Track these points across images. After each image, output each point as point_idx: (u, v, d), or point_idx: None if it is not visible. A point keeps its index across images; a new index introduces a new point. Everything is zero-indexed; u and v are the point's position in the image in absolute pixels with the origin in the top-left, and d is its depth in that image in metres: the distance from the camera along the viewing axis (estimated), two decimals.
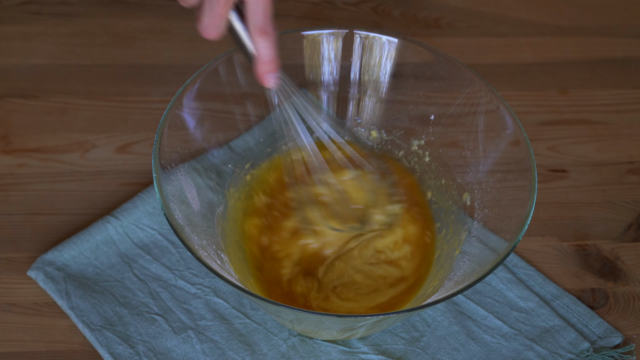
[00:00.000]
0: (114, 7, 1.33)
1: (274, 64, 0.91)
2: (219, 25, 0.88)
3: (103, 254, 1.07)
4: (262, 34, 0.88)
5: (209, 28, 0.88)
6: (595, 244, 1.12)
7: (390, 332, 1.03)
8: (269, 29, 0.88)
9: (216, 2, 0.86)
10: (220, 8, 0.86)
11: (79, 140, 1.18)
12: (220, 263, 0.98)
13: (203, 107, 1.03)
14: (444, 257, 1.03)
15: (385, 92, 1.09)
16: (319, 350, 1.01)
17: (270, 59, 0.90)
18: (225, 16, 0.87)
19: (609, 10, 1.37)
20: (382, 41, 1.07)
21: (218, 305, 1.04)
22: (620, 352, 1.02)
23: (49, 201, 1.12)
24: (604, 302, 1.07)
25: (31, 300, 1.05)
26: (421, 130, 1.09)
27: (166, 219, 0.94)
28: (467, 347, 1.02)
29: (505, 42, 1.32)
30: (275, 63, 0.91)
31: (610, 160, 1.20)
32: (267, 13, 0.88)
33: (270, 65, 0.91)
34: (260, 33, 0.88)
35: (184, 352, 1.00)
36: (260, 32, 0.88)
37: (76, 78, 1.25)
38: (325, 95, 1.10)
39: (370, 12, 1.35)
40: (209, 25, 0.87)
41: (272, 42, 0.89)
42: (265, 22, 0.88)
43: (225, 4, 0.86)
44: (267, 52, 0.90)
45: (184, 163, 1.01)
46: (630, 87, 1.28)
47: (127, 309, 1.03)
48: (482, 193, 1.03)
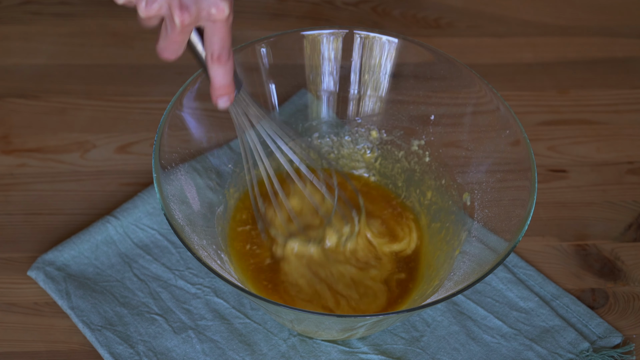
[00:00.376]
0: (114, 7, 1.32)
1: (226, 90, 0.91)
2: (175, 50, 0.88)
3: (103, 254, 1.07)
4: (216, 62, 0.88)
5: (165, 51, 0.88)
6: (595, 244, 1.12)
7: (390, 332, 1.03)
8: (223, 57, 0.88)
9: (172, 29, 0.85)
10: (176, 35, 0.86)
11: (79, 140, 1.18)
12: (220, 263, 0.98)
13: (203, 107, 1.03)
14: (444, 257, 1.03)
15: (385, 92, 1.09)
16: (319, 350, 1.01)
17: (222, 85, 0.91)
18: (181, 42, 0.87)
19: (609, 10, 1.37)
20: (382, 41, 1.07)
21: (218, 305, 1.04)
22: (620, 352, 1.02)
23: (49, 201, 1.12)
24: (603, 302, 1.07)
25: (31, 300, 1.05)
26: (421, 130, 1.09)
27: (166, 219, 0.94)
28: (467, 347, 1.02)
29: (505, 42, 1.32)
30: (227, 89, 0.91)
31: (610, 160, 1.20)
32: (224, 43, 0.87)
33: (222, 91, 0.91)
34: (215, 60, 0.88)
35: (184, 352, 1.00)
36: (215, 60, 0.88)
37: (76, 78, 1.25)
38: (325, 95, 1.10)
39: (370, 12, 1.35)
40: (165, 48, 0.88)
41: (227, 69, 0.89)
42: (221, 50, 0.88)
43: (181, 33, 0.86)
44: (219, 78, 0.90)
45: (184, 163, 1.01)
46: (630, 87, 1.28)
47: (127, 309, 1.03)
48: (482, 193, 1.03)
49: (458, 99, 1.05)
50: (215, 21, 0.86)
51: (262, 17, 1.34)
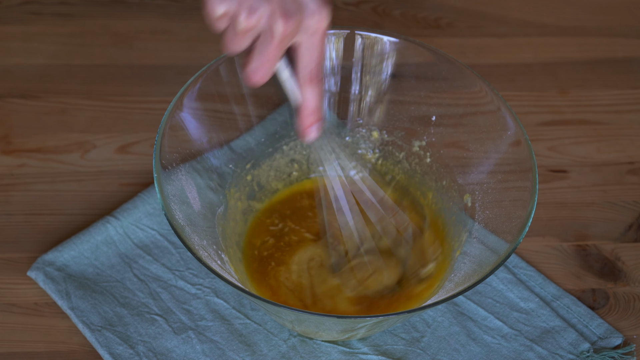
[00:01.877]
0: (114, 7, 1.33)
1: (319, 115, 0.86)
2: (268, 70, 0.82)
3: (103, 254, 1.07)
4: (311, 82, 0.83)
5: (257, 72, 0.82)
6: (596, 245, 1.12)
7: (391, 332, 1.03)
8: (320, 75, 0.83)
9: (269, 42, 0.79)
10: (273, 50, 0.80)
11: (79, 140, 1.18)
12: (220, 263, 0.98)
13: (204, 107, 1.03)
14: (444, 258, 1.03)
15: (386, 93, 1.09)
16: (319, 351, 1.01)
17: (314, 109, 0.85)
18: (275, 60, 0.81)
19: (609, 10, 1.37)
20: (383, 41, 1.07)
21: (218, 305, 1.04)
22: (620, 352, 1.02)
23: (49, 201, 1.12)
24: (604, 303, 1.07)
25: (31, 301, 1.04)
26: (422, 131, 1.09)
27: (167, 219, 0.93)
28: (467, 348, 1.02)
29: (505, 42, 1.32)
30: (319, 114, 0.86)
31: (610, 160, 1.20)
32: (321, 59, 0.82)
33: (315, 116, 0.86)
34: (310, 81, 0.83)
35: (184, 353, 1.00)
36: (310, 80, 0.83)
37: (76, 78, 1.25)
38: (326, 95, 1.10)
39: (371, 12, 1.35)
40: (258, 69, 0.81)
41: (321, 89, 0.84)
42: (318, 69, 0.83)
43: (277, 47, 0.80)
44: (312, 102, 0.84)
45: (184, 163, 1.01)
46: (630, 87, 1.28)
47: (127, 310, 1.03)
48: (483, 194, 1.03)
49: (459, 99, 1.05)
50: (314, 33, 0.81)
51: None
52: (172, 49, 1.28)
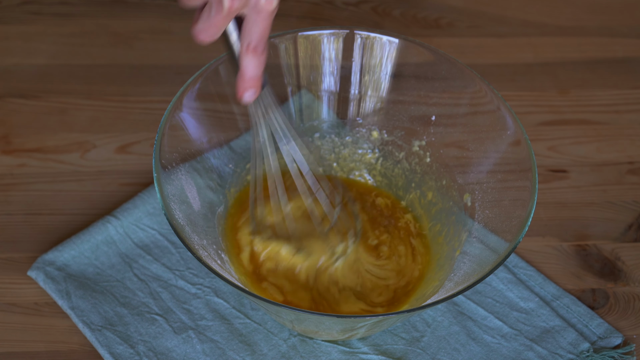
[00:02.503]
0: (114, 7, 1.33)
1: (255, 82, 0.90)
2: (213, 34, 0.87)
3: (103, 254, 1.07)
4: (252, 52, 0.87)
5: (202, 33, 0.87)
6: (596, 244, 1.12)
7: (391, 332, 1.03)
8: (259, 48, 0.87)
9: (217, 12, 0.85)
10: (220, 19, 0.85)
11: (79, 140, 1.18)
12: (220, 263, 0.98)
13: (204, 107, 1.03)
14: (444, 258, 1.03)
15: (385, 93, 1.09)
16: (319, 351, 1.01)
17: (252, 76, 0.89)
18: (221, 27, 0.86)
19: (609, 10, 1.37)
20: (383, 41, 1.07)
21: (218, 305, 1.04)
22: (620, 352, 1.02)
23: (49, 201, 1.12)
24: (604, 303, 1.07)
25: (31, 300, 1.04)
26: (422, 130, 1.09)
27: (166, 219, 0.94)
28: (467, 348, 1.02)
29: (505, 42, 1.32)
30: (256, 82, 0.90)
31: (610, 160, 1.20)
32: (263, 34, 0.87)
33: (251, 83, 0.90)
34: (251, 51, 0.87)
35: (184, 352, 1.00)
36: (250, 50, 0.87)
37: (76, 78, 1.25)
38: (326, 95, 1.10)
39: (371, 12, 1.35)
40: (204, 30, 0.86)
41: (260, 62, 0.88)
42: (259, 41, 0.87)
43: (225, 18, 0.85)
44: (251, 70, 0.89)
45: (184, 163, 1.01)
46: (630, 87, 1.28)
47: (127, 309, 1.03)
48: (482, 194, 1.03)
49: (459, 99, 1.05)
50: (260, 11, 0.85)
51: None
52: (172, 49, 1.28)
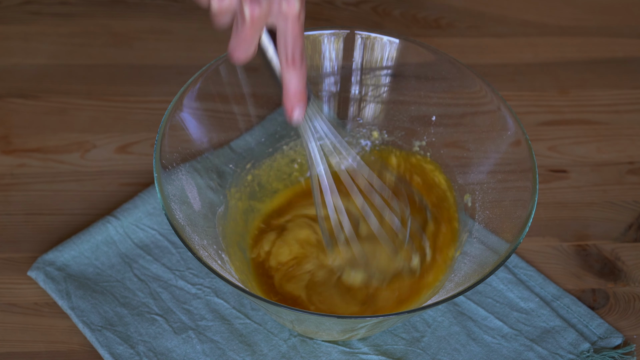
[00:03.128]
0: (114, 7, 1.33)
1: (301, 97, 0.87)
2: (247, 49, 0.84)
3: (103, 254, 1.07)
4: (291, 65, 0.85)
5: (236, 50, 0.84)
6: (596, 244, 1.12)
7: (391, 332, 1.03)
8: (297, 59, 0.85)
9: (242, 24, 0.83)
10: (247, 31, 0.83)
11: (79, 140, 1.18)
12: (220, 263, 0.98)
13: (204, 107, 1.03)
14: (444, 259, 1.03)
15: (386, 93, 1.09)
16: (320, 351, 1.01)
17: (297, 91, 0.87)
18: (252, 40, 0.84)
19: (609, 10, 1.37)
20: (384, 41, 1.07)
21: (218, 305, 1.04)
22: (620, 352, 1.02)
23: (49, 201, 1.12)
24: (604, 303, 1.07)
25: (31, 301, 1.04)
26: (422, 130, 1.09)
27: (167, 219, 0.94)
28: (467, 348, 1.02)
29: (505, 42, 1.32)
30: (302, 96, 0.87)
31: (610, 160, 1.20)
32: (297, 43, 0.84)
33: (298, 98, 0.87)
34: (290, 64, 0.85)
35: (185, 353, 1.00)
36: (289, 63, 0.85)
37: (76, 78, 1.25)
38: (326, 95, 1.10)
39: (371, 12, 1.35)
40: (237, 47, 0.84)
41: (302, 73, 0.86)
42: (295, 51, 0.84)
43: (251, 28, 0.82)
44: (294, 84, 0.86)
45: (184, 163, 1.01)
46: (630, 87, 1.28)
47: (127, 309, 1.03)
48: (483, 194, 1.03)
49: (459, 99, 1.05)
50: (286, 17, 0.83)
51: None
52: (172, 49, 1.28)
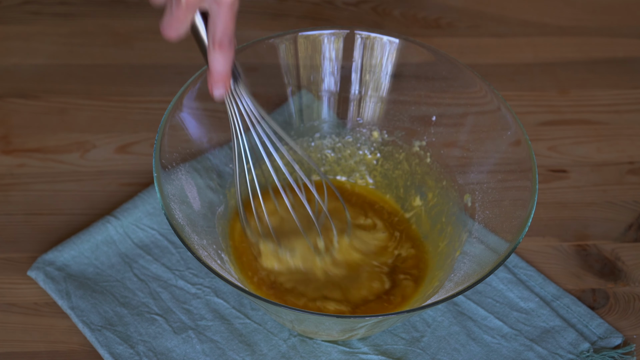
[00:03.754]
0: (114, 7, 1.33)
1: (222, 78, 0.90)
2: (178, 28, 0.87)
3: (103, 254, 1.07)
4: (217, 47, 0.87)
5: (167, 28, 0.87)
6: (596, 244, 1.12)
7: (391, 332, 1.03)
8: (225, 43, 0.87)
9: (177, 6, 0.85)
10: (181, 13, 0.85)
11: (79, 140, 1.18)
12: (220, 263, 0.98)
13: (204, 107, 1.03)
14: (444, 258, 1.03)
15: (386, 93, 1.09)
16: (319, 351, 1.01)
17: (219, 72, 0.89)
18: (184, 21, 0.86)
19: (609, 10, 1.37)
20: (383, 41, 1.07)
21: (218, 305, 1.04)
22: (620, 352, 1.02)
23: (49, 201, 1.12)
24: (604, 303, 1.07)
25: (31, 301, 1.04)
26: (423, 130, 1.09)
27: (166, 219, 0.94)
28: (467, 348, 1.02)
29: (505, 42, 1.32)
30: (224, 77, 0.90)
31: (610, 160, 1.20)
32: (227, 29, 0.87)
33: (219, 78, 0.90)
34: (216, 46, 0.87)
35: (184, 352, 1.00)
36: (216, 45, 0.87)
37: (76, 78, 1.25)
38: (326, 95, 1.10)
39: (371, 12, 1.35)
40: (169, 25, 0.87)
41: (227, 57, 0.88)
42: (223, 36, 0.87)
43: (185, 10, 0.85)
44: (218, 66, 0.89)
45: (184, 163, 1.01)
46: (630, 87, 1.28)
47: (127, 309, 1.03)
48: (483, 194, 1.03)
49: (459, 99, 1.05)
50: (220, 4, 0.85)
51: (262, 17, 1.34)
52: (172, 49, 1.28)
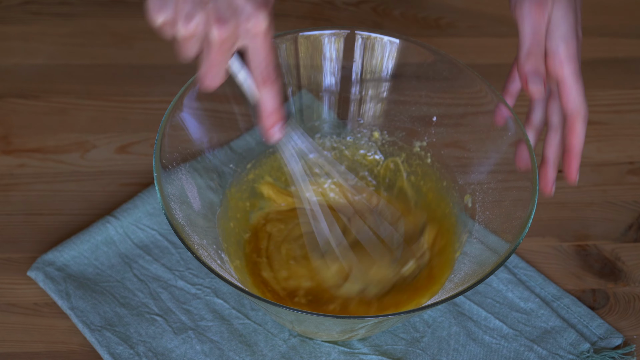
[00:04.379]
0: (114, 7, 1.33)
1: (279, 116, 0.87)
2: (216, 74, 0.84)
3: (103, 254, 1.07)
4: (264, 84, 0.85)
5: (206, 77, 0.84)
6: (596, 245, 1.12)
7: (391, 332, 1.03)
8: (271, 77, 0.84)
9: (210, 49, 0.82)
10: (215, 55, 0.82)
11: (79, 140, 1.18)
12: (220, 263, 0.98)
13: (204, 107, 1.03)
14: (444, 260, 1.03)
15: (386, 93, 1.09)
16: (319, 351, 1.01)
17: (274, 109, 0.86)
18: (221, 64, 0.83)
19: (609, 11, 1.37)
20: (384, 42, 1.07)
21: (218, 305, 1.04)
22: (620, 352, 1.02)
23: (49, 201, 1.12)
24: (604, 303, 1.07)
25: (31, 301, 1.04)
26: (423, 131, 1.09)
27: (166, 219, 0.93)
28: (467, 348, 1.02)
29: (505, 42, 1.32)
30: (280, 114, 0.87)
31: (610, 160, 1.20)
32: (269, 61, 0.84)
33: (275, 117, 0.87)
34: (263, 83, 0.85)
35: (184, 353, 1.00)
36: (262, 82, 0.85)
37: (76, 78, 1.25)
38: (327, 95, 1.10)
39: (371, 12, 1.35)
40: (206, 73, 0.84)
41: (276, 91, 0.85)
42: (267, 69, 0.84)
43: (219, 51, 0.82)
44: (270, 103, 0.86)
45: (184, 163, 1.01)
46: (630, 87, 1.28)
47: (127, 310, 1.03)
48: (483, 195, 1.03)
49: (459, 99, 1.05)
50: (255, 36, 0.82)
51: None
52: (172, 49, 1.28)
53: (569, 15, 0.88)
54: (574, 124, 0.86)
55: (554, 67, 0.87)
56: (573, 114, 0.86)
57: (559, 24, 0.87)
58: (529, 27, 0.88)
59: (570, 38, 0.87)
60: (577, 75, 0.87)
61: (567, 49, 0.87)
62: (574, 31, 0.88)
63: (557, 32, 0.87)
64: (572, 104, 0.86)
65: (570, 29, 0.87)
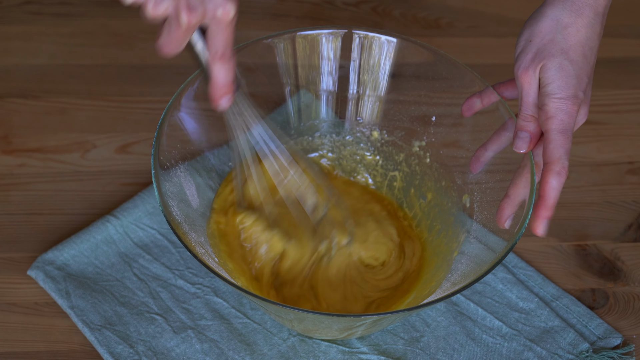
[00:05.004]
0: (114, 7, 1.33)
1: (228, 88, 0.90)
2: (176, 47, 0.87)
3: (103, 253, 1.07)
4: (220, 59, 0.88)
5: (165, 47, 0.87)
6: (595, 244, 1.12)
7: (390, 332, 1.03)
8: (227, 54, 0.88)
9: (176, 28, 0.85)
10: (180, 34, 0.85)
11: (79, 140, 1.18)
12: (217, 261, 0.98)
13: (202, 106, 1.03)
14: (442, 259, 1.03)
15: (385, 92, 1.09)
16: (319, 350, 1.01)
17: (225, 83, 0.90)
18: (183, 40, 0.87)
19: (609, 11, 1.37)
20: (382, 41, 1.07)
21: (218, 304, 1.04)
22: (619, 352, 1.02)
23: (49, 201, 1.12)
24: (603, 303, 1.07)
25: (31, 300, 1.05)
26: (422, 131, 1.09)
27: (164, 216, 0.94)
28: (466, 348, 1.02)
29: (505, 42, 1.32)
30: (229, 87, 0.90)
31: (610, 160, 1.20)
32: (228, 42, 0.87)
33: (225, 89, 0.90)
34: (219, 58, 0.88)
35: (184, 352, 1.00)
36: (218, 58, 0.88)
37: (76, 78, 1.25)
38: (325, 95, 1.10)
39: (370, 12, 1.35)
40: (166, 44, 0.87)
41: (230, 67, 0.89)
42: (225, 48, 0.87)
43: (184, 32, 0.85)
44: (222, 76, 0.89)
45: (183, 162, 1.01)
46: (630, 87, 1.28)
47: (126, 309, 1.03)
48: (481, 194, 1.03)
49: (458, 99, 1.05)
50: (220, 22, 0.85)
51: (262, 17, 1.34)
52: None
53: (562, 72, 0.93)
54: (546, 175, 0.91)
55: (541, 121, 0.92)
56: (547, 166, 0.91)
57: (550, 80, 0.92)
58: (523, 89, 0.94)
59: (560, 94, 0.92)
60: (559, 132, 0.91)
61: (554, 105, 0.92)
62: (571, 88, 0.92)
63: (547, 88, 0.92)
64: (548, 157, 0.91)
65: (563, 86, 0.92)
